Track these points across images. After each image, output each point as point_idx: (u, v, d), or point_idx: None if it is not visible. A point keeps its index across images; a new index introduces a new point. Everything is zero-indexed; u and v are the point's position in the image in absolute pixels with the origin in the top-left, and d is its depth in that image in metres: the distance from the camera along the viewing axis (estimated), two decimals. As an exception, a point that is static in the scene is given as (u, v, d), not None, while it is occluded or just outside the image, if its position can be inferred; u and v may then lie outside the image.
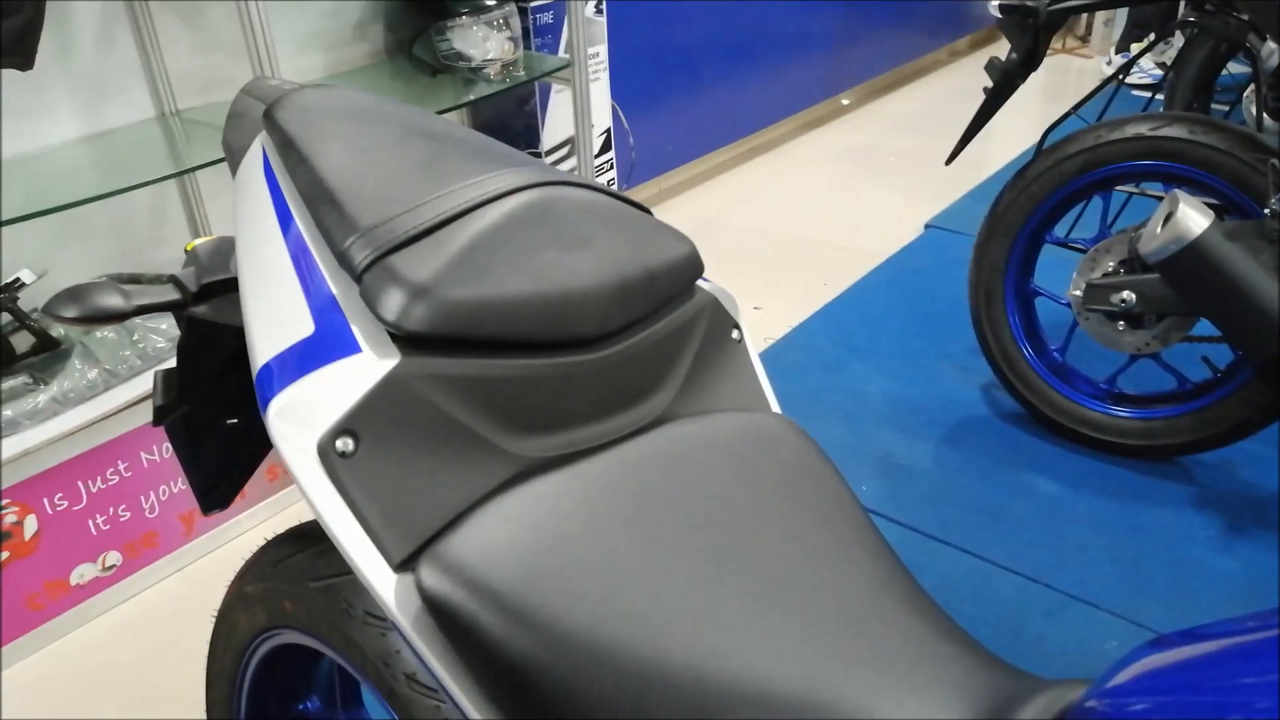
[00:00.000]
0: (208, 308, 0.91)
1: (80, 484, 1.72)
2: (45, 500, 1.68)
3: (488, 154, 0.73)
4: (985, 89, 2.04)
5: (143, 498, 1.81)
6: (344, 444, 0.56)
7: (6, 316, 1.80)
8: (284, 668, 1.04)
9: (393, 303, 0.58)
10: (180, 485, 1.85)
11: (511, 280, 0.61)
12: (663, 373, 0.71)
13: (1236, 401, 1.87)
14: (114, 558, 1.80)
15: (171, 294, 0.92)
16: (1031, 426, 2.14)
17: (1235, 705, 0.39)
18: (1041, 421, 2.09)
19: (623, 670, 0.52)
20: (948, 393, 2.29)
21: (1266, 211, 1.66)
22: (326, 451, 0.56)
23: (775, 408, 0.79)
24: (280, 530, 0.89)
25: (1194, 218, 1.64)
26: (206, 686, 1.10)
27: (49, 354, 1.81)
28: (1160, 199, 1.96)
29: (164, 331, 1.87)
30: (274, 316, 0.63)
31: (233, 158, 0.80)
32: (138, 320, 1.90)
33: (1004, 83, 2.00)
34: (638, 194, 3.30)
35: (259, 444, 1.09)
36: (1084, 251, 1.99)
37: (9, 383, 1.72)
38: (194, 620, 1.78)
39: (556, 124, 2.69)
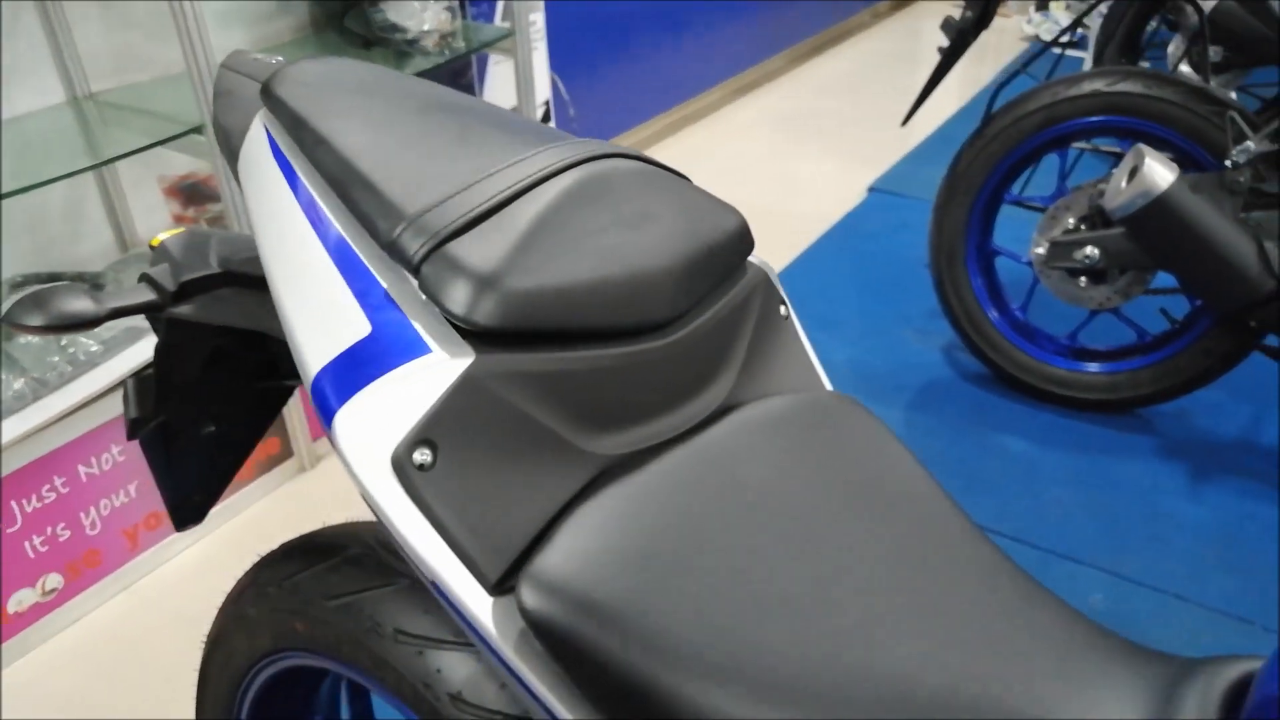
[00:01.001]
0: (191, 307, 0.82)
1: (14, 504, 1.58)
2: (-23, 523, 1.54)
3: (513, 126, 0.67)
4: (940, 49, 2.02)
5: (83, 514, 1.68)
6: (422, 455, 0.50)
7: (-85, 325, 1.65)
8: (285, 692, 0.96)
9: (460, 295, 0.52)
10: (123, 498, 1.73)
11: (582, 264, 0.55)
12: (724, 355, 0.66)
13: (1196, 351, 1.90)
14: (55, 580, 1.67)
15: (146, 294, 0.82)
16: (996, 386, 2.15)
17: None
18: (1007, 381, 2.10)
19: (754, 682, 0.47)
20: (910, 357, 2.28)
21: (1227, 163, 1.68)
22: (403, 465, 0.49)
23: (827, 384, 0.75)
24: (235, 538, 0.82)
25: (1160, 172, 1.65)
26: (197, 716, 1.01)
27: (-34, 363, 1.66)
28: (1115, 154, 1.98)
29: (95, 334, 1.74)
30: (320, 318, 0.55)
31: (227, 139, 0.72)
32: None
33: (959, 41, 1.98)
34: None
35: (237, 453, 1.00)
36: (1040, 210, 2.00)
37: (-75, 397, 1.57)
38: (146, 640, 1.66)
39: (495, 96, 2.59)
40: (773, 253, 2.79)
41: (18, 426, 1.58)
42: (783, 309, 0.73)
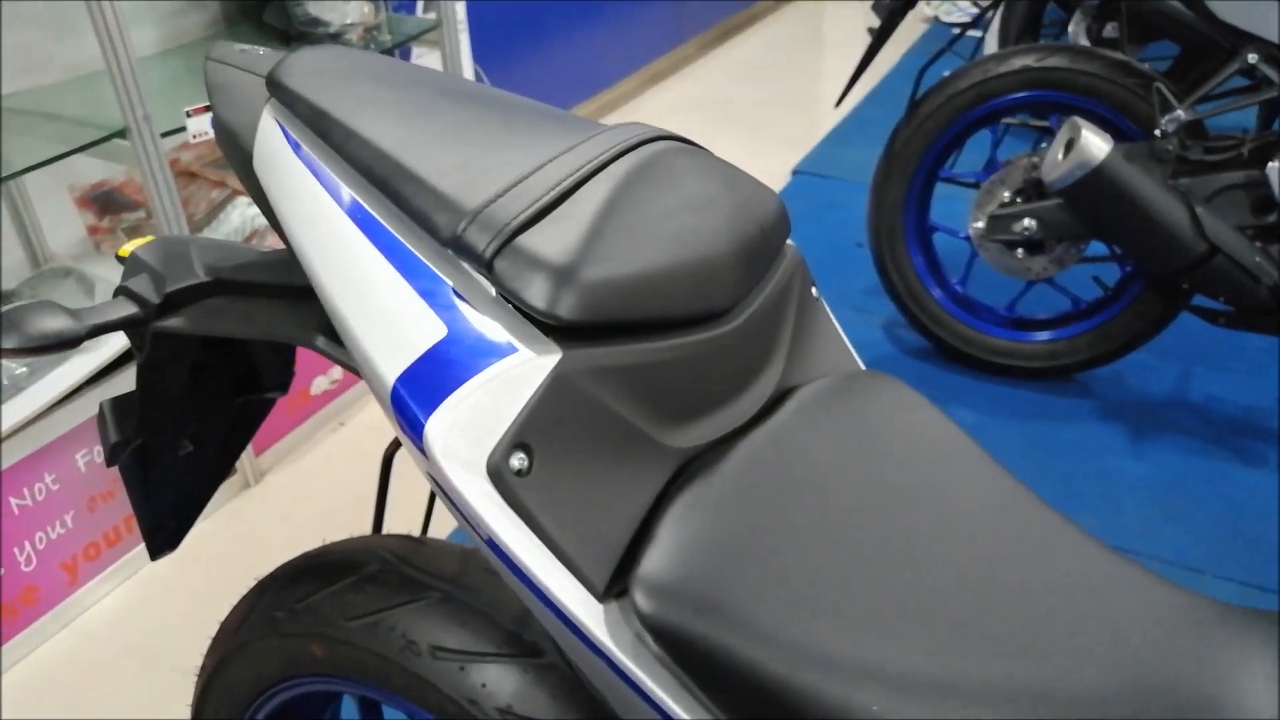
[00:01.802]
0: (181, 320, 0.76)
1: (-58, 543, 1.47)
2: (-98, 567, 1.43)
3: (545, 114, 0.64)
4: (870, 29, 2.04)
5: (16, 550, 1.57)
6: (519, 461, 0.47)
7: None
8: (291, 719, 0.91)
9: (540, 289, 0.49)
10: (60, 529, 1.62)
11: (656, 250, 0.53)
12: (776, 339, 0.65)
13: (1129, 316, 1.97)
14: (-9, 621, 1.55)
15: (128, 308, 0.76)
16: (940, 360, 2.19)
17: None
18: (950, 354, 2.15)
19: (902, 680, 0.45)
20: (852, 336, 2.31)
21: (1157, 133, 1.74)
22: (500, 471, 0.46)
23: (860, 363, 0.75)
24: (181, 560, 0.76)
25: (1096, 143, 1.70)
26: (192, 756, 0.95)
27: (-126, 396, 1.53)
28: (1041, 128, 2.04)
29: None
30: (387, 322, 0.52)
31: (231, 135, 0.67)
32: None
33: (889, 21, 2.01)
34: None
35: (214, 473, 0.95)
36: (973, 186, 2.04)
37: None
38: (94, 679, 1.57)
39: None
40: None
41: (-61, 460, 1.47)
42: (814, 290, 0.73)
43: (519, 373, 0.48)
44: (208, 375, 0.88)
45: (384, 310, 0.52)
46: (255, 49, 0.75)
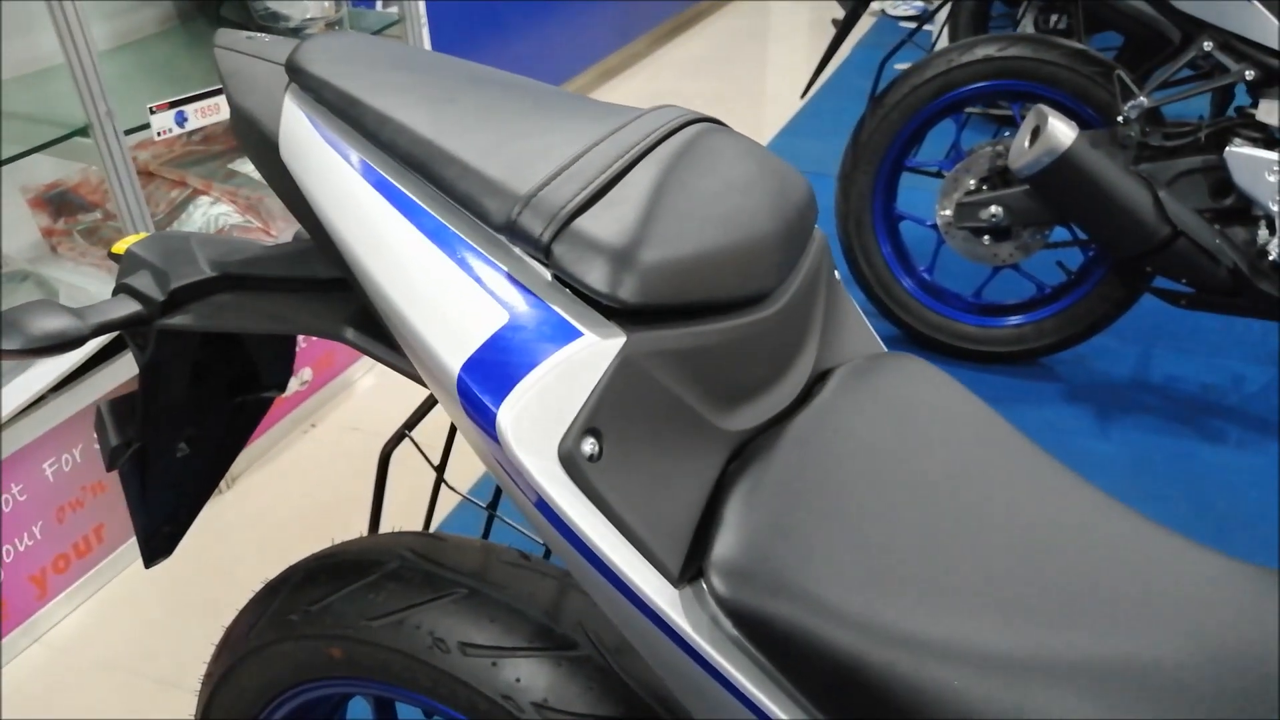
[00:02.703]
0: (188, 317, 0.74)
1: (-96, 559, 1.41)
2: None
3: (574, 98, 0.64)
4: (835, 20, 2.06)
5: (-17, 563, 1.52)
6: (590, 445, 0.46)
7: None
8: (298, 725, 0.89)
9: (602, 273, 0.48)
10: (28, 541, 1.57)
11: (709, 232, 0.53)
12: (811, 321, 0.65)
13: (1093, 299, 2.02)
14: (-43, 639, 1.50)
15: (131, 306, 0.74)
16: (909, 347, 2.22)
17: None
18: (918, 340, 2.18)
19: (971, 657, 0.46)
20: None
21: (1120, 119, 1.78)
22: (572, 457, 0.46)
23: (882, 345, 0.76)
24: (152, 571, 0.74)
25: (1063, 130, 1.74)
26: (198, 765, 0.93)
27: None
28: (1004, 117, 2.08)
29: (-23, 363, 1.56)
30: (445, 312, 0.50)
31: (251, 120, 0.65)
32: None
33: (852, 12, 2.03)
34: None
35: (210, 475, 0.93)
36: (937, 175, 2.07)
37: None
38: (66, 695, 1.52)
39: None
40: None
41: (-102, 474, 1.41)
42: (836, 273, 0.73)
43: (585, 357, 0.47)
44: (207, 375, 0.85)
45: (441, 298, 0.51)
46: (261, 35, 0.73)
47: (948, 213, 2.01)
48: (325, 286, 0.69)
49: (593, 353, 0.48)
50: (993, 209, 1.94)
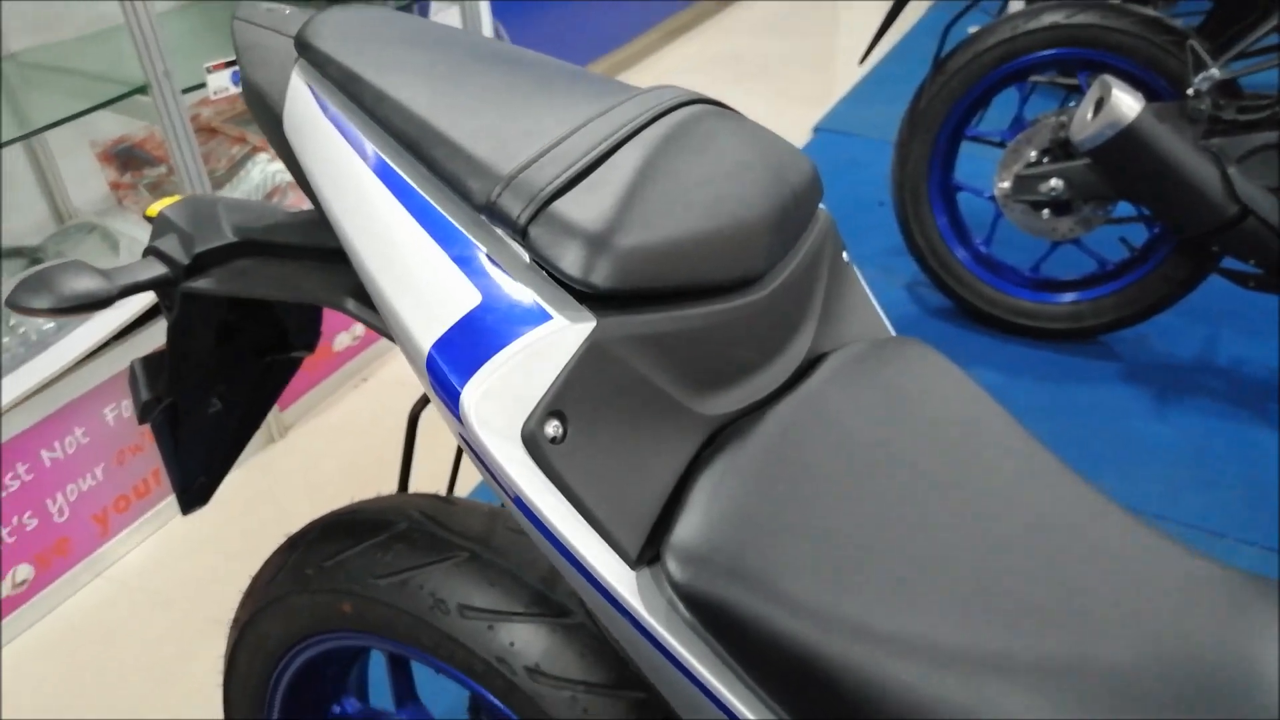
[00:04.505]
0: (210, 281, 0.77)
1: (-25, 495, 1.50)
2: (-62, 519, 1.46)
3: (577, 77, 0.63)
4: (900, -17, 2.00)
5: (49, 501, 1.60)
6: (553, 428, 0.47)
7: None
8: (318, 673, 0.93)
9: (576, 256, 0.49)
10: (90, 482, 1.65)
11: (690, 217, 0.53)
12: (808, 305, 0.65)
13: (1155, 278, 1.95)
14: (25, 571, 1.59)
15: (157, 269, 0.77)
16: (962, 320, 2.18)
17: None
18: (972, 314, 2.13)
19: (921, 646, 0.46)
20: (875, 296, 2.30)
21: (1190, 92, 1.71)
22: (535, 439, 0.47)
23: (890, 328, 0.74)
24: (207, 513, 0.78)
25: (1128, 102, 1.67)
26: (225, 706, 0.97)
27: (-95, 350, 1.56)
28: (1069, 86, 2.00)
29: (44, 311, 1.63)
30: (421, 290, 0.52)
31: (261, 96, 0.66)
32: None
33: (917, -24, 1.97)
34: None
35: (242, 430, 0.96)
36: (999, 145, 2.01)
37: None
38: (128, 628, 1.60)
39: (439, 46, 2.50)
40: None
41: (-30, 414, 1.49)
42: (845, 254, 0.72)
43: (553, 340, 0.48)
44: (235, 335, 0.88)
45: (418, 276, 0.52)
46: (282, 8, 0.74)
47: (1006, 185, 1.95)
48: (333, 256, 0.71)
49: (561, 336, 0.48)
50: (1053, 182, 1.88)
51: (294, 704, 0.93)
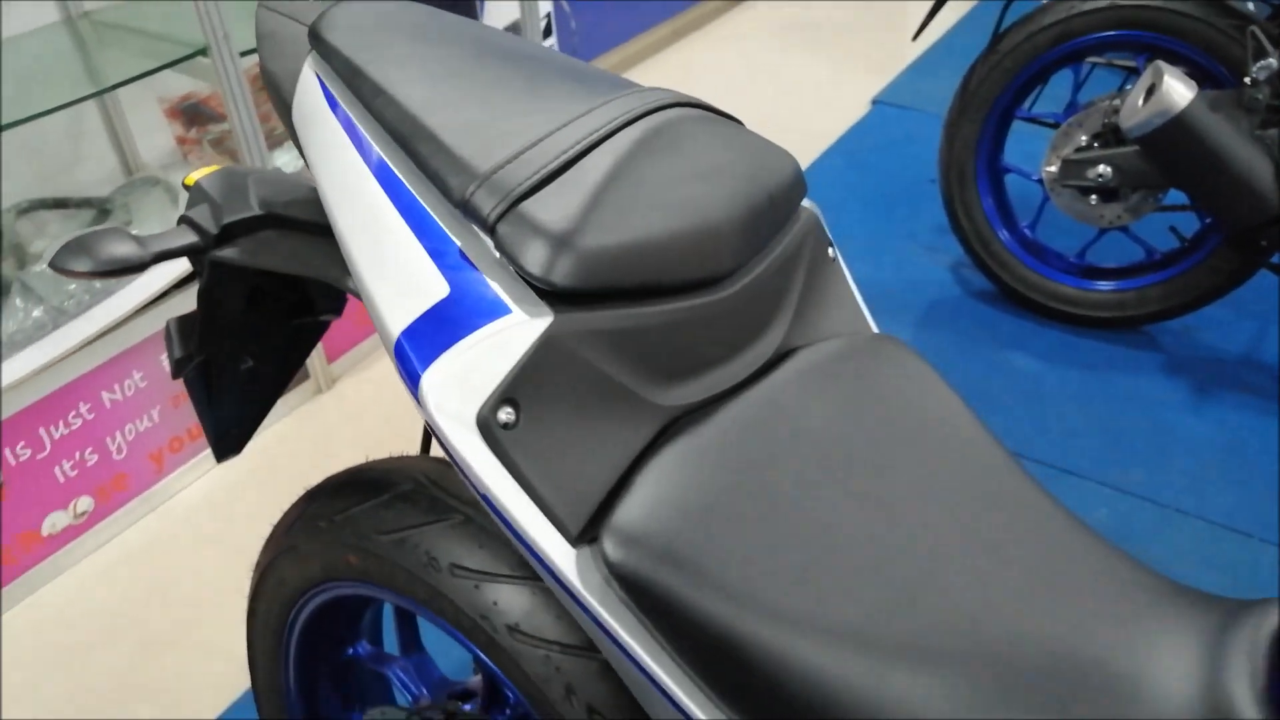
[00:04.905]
0: (235, 251, 0.82)
1: (41, 431, 1.61)
2: (6, 451, 1.57)
3: (575, 75, 0.67)
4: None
5: (109, 439, 1.71)
6: (506, 415, 0.51)
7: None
8: (333, 618, 1.00)
9: (537, 255, 0.52)
10: (147, 423, 1.75)
11: (654, 220, 0.56)
12: (780, 302, 0.67)
13: (1204, 269, 1.92)
14: (86, 503, 1.70)
15: (188, 237, 0.83)
16: (1003, 304, 2.16)
17: None
18: (1014, 298, 2.12)
19: (834, 634, 0.49)
20: (918, 275, 2.30)
21: (1247, 80, 1.66)
22: (488, 424, 0.51)
23: (872, 324, 0.76)
24: (257, 458, 0.84)
25: (1179, 90, 1.64)
26: (248, 641, 1.05)
27: (-19, 292, 1.66)
28: (1128, 68, 1.96)
29: (109, 260, 1.73)
30: (396, 278, 0.56)
31: (275, 84, 0.71)
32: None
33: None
34: (575, 81, 3.16)
35: (274, 384, 1.02)
36: (1052, 127, 1.98)
37: (-55, 327, 1.58)
38: (179, 560, 1.71)
39: (497, 9, 2.53)
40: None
41: (41, 355, 1.59)
42: (830, 251, 0.74)
43: (511, 334, 0.52)
44: (264, 300, 0.94)
45: (395, 266, 0.56)
46: None
47: (1054, 168, 1.93)
48: None
49: (518, 330, 0.52)
50: (1101, 168, 1.85)
51: (310, 644, 1.01)
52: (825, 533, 0.53)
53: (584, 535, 0.53)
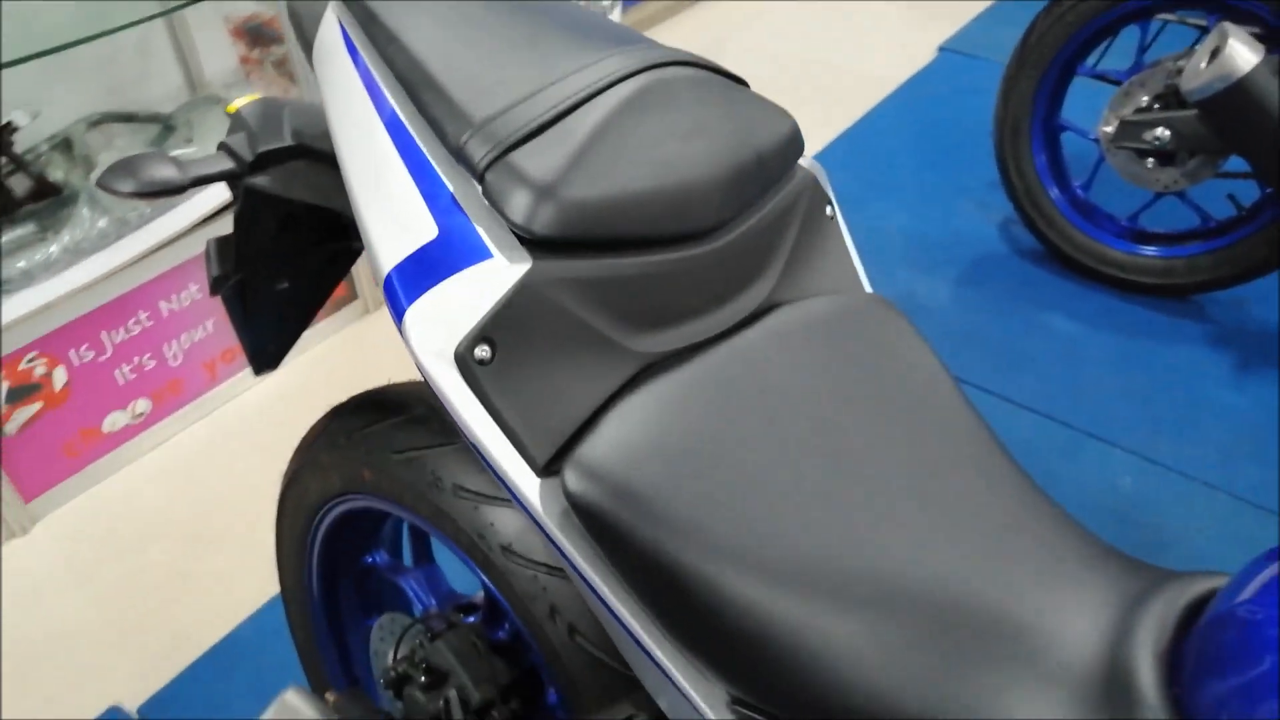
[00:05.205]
0: (266, 179, 0.87)
1: (103, 335, 1.70)
2: (71, 352, 1.66)
3: (582, 28, 0.69)
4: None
5: (166, 346, 1.80)
6: (482, 351, 0.55)
7: (1, 160, 1.73)
8: (353, 527, 1.06)
9: (520, 204, 0.56)
10: (202, 333, 1.84)
11: (636, 175, 0.58)
12: (767, 258, 0.70)
13: (1259, 240, 1.87)
14: (143, 405, 1.80)
15: (225, 163, 0.87)
16: (1050, 264, 2.14)
17: None
18: (1061, 259, 2.09)
19: (765, 569, 0.53)
20: (966, 229, 2.27)
21: (1318, 46, 1.61)
22: (465, 359, 0.55)
23: (866, 285, 0.78)
24: (305, 373, 0.89)
25: (1243, 53, 1.58)
26: (276, 544, 1.12)
27: (51, 200, 1.75)
28: (1202, 27, 1.89)
29: (170, 175, 1.80)
30: (391, 218, 0.60)
31: (301, 27, 0.75)
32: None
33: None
34: (635, 15, 3.14)
35: (309, 304, 1.07)
36: (1115, 84, 1.93)
37: (15, 232, 1.67)
38: (227, 464, 1.81)
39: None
40: (834, 113, 2.73)
41: (104, 263, 1.68)
42: (829, 209, 0.76)
43: (491, 277, 0.56)
44: (297, 226, 0.99)
45: (391, 206, 0.60)
46: None
47: (1110, 129, 1.89)
48: None
49: (498, 274, 0.56)
50: (1159, 131, 1.80)
51: (331, 551, 1.08)
52: (776, 481, 0.56)
53: (550, 467, 0.57)
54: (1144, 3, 1.84)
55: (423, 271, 0.57)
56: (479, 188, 0.58)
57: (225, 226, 1.79)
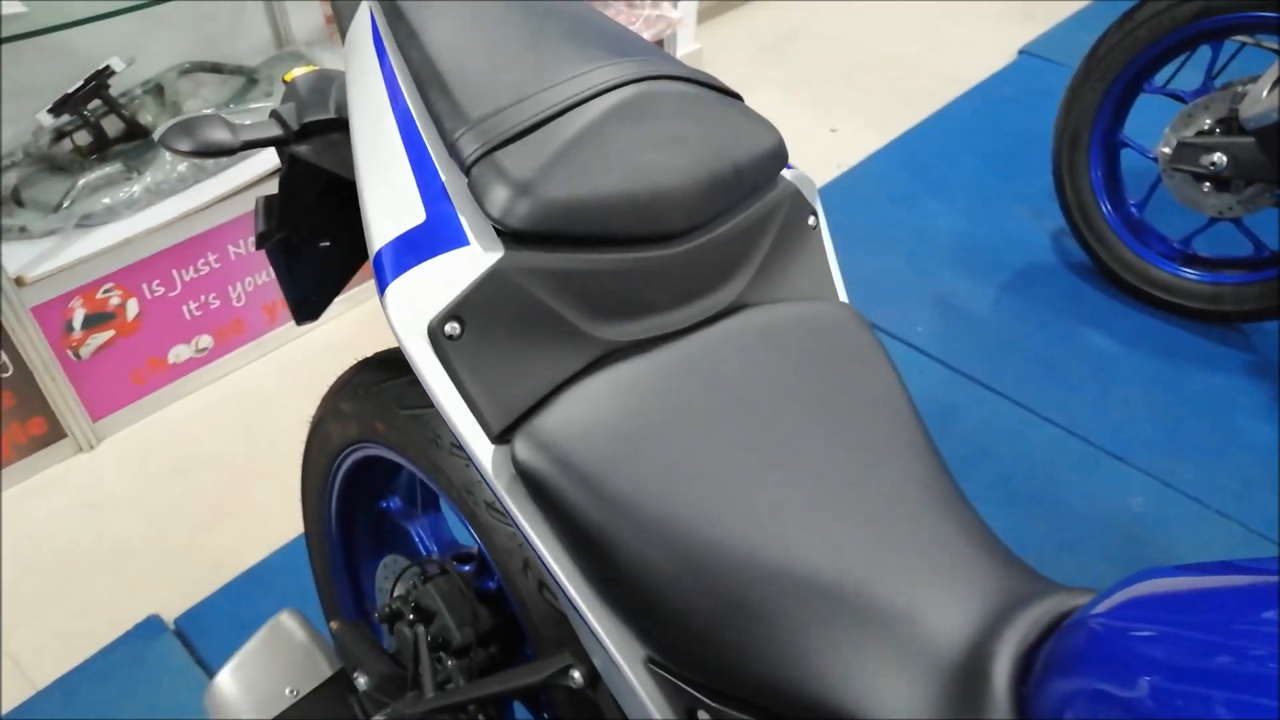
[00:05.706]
0: (308, 148, 0.94)
1: (175, 272, 1.82)
2: (144, 285, 1.79)
3: (589, 37, 0.74)
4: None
5: (230, 288, 1.92)
6: (452, 328, 0.62)
7: (97, 102, 1.85)
8: (369, 473, 1.15)
9: (498, 199, 0.62)
10: (264, 278, 1.95)
11: (608, 180, 0.64)
12: (739, 262, 0.75)
13: (1311, 274, 1.84)
14: (206, 341, 1.93)
15: (274, 130, 0.95)
16: (1096, 280, 2.13)
17: (1229, 648, 0.42)
18: (1107, 276, 2.08)
19: (680, 545, 0.59)
20: (1017, 236, 2.27)
21: (1384, 82, 1.57)
22: (436, 334, 0.62)
23: (842, 294, 0.83)
24: (356, 325, 0.98)
25: (1304, 85, 1.56)
26: (302, 483, 1.22)
27: (139, 142, 1.87)
28: (1277, 52, 1.86)
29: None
30: (388, 199, 0.67)
31: (340, 18, 0.82)
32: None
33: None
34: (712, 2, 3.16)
35: (348, 263, 1.15)
36: (1184, 102, 1.91)
37: (104, 170, 1.79)
38: (279, 403, 1.93)
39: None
40: (903, 109, 2.73)
41: (180, 205, 1.80)
42: (811, 220, 0.81)
43: (465, 262, 0.62)
44: (337, 192, 1.07)
45: (388, 190, 0.67)
46: None
47: (1169, 149, 1.87)
48: None
49: (472, 260, 0.62)
50: (1215, 156, 1.78)
51: (350, 491, 1.17)
52: (706, 469, 0.62)
53: (504, 436, 0.64)
54: (1220, 24, 1.81)
55: (408, 251, 0.64)
56: (465, 181, 0.65)
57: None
